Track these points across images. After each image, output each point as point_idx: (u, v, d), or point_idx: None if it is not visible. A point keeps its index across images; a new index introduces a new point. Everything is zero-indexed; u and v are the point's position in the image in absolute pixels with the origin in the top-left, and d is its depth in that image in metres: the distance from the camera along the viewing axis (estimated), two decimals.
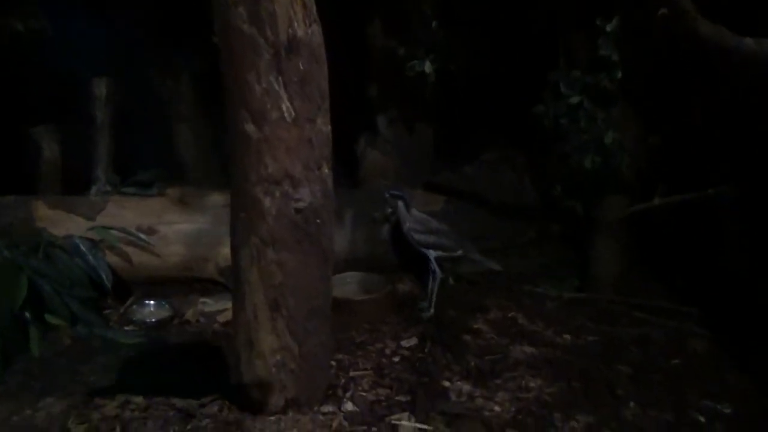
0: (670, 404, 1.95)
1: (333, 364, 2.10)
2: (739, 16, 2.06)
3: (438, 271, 2.60)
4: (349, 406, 1.88)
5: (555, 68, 2.55)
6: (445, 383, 2.05)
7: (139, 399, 1.92)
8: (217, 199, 2.81)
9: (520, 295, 2.76)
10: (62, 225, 2.65)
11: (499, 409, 1.90)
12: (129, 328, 2.52)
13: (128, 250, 2.69)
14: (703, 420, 1.88)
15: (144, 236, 2.70)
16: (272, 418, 1.79)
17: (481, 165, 3.32)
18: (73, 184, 3.14)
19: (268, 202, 1.68)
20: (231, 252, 1.79)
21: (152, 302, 2.66)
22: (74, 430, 1.78)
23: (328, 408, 1.86)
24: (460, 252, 2.66)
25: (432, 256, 2.62)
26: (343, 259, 2.77)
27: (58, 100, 3.34)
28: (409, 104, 3.27)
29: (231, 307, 1.85)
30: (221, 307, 2.61)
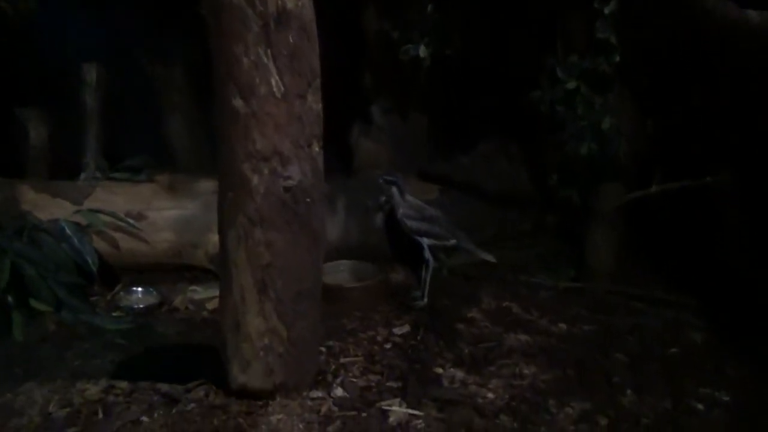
0: (668, 392, 1.91)
1: (323, 350, 2.06)
2: None
3: (431, 260, 2.55)
4: (339, 392, 1.84)
5: (552, 52, 2.51)
6: (438, 370, 2.01)
7: (124, 384, 1.89)
8: (208, 186, 2.75)
9: (515, 285, 2.72)
10: (48, 209, 2.58)
11: (492, 396, 1.86)
12: (116, 315, 2.46)
13: (116, 235, 2.63)
14: (702, 408, 1.84)
15: (132, 221, 2.63)
16: (259, 403, 1.75)
17: (477, 155, 3.28)
18: (62, 171, 3.07)
19: (256, 180, 1.64)
20: (219, 233, 1.74)
21: (140, 289, 2.62)
22: (55, 413, 1.74)
23: (317, 393, 1.82)
24: (454, 241, 2.61)
25: (426, 244, 2.57)
26: (335, 248, 2.73)
27: (47, 84, 3.28)
28: (404, 92, 3.23)
29: None
30: (210, 295, 2.55)
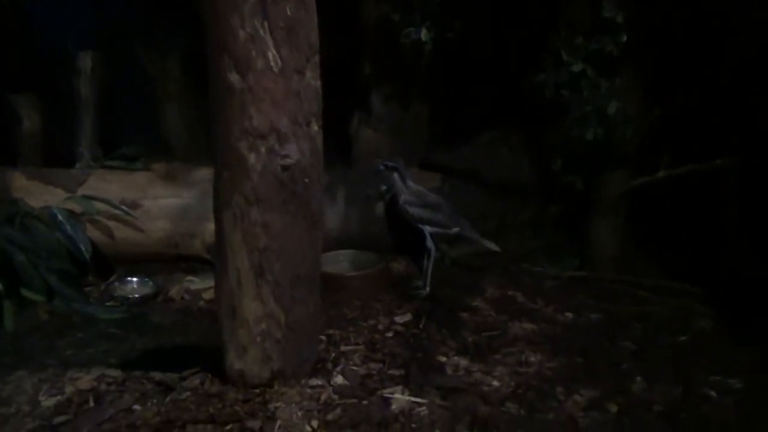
0: (678, 379, 1.86)
1: (323, 338, 2.00)
2: None
3: (433, 248, 2.50)
4: (340, 380, 1.78)
5: (556, 34, 2.45)
6: (441, 358, 1.96)
7: (117, 372, 1.83)
8: (205, 174, 2.69)
9: (519, 274, 2.68)
10: (40, 197, 2.53)
11: (498, 384, 1.81)
12: (110, 304, 2.42)
13: (110, 224, 2.58)
14: (714, 394, 1.79)
15: (126, 209, 2.57)
16: (257, 391, 1.68)
17: (478, 144, 3.22)
18: (56, 160, 3.02)
19: (252, 158, 1.57)
20: (214, 215, 1.68)
21: (135, 279, 2.57)
22: (44, 402, 1.68)
23: (316, 381, 1.76)
24: (456, 230, 2.56)
25: (428, 232, 2.51)
26: (335, 238, 2.68)
27: (41, 72, 3.23)
28: (404, 81, 3.16)
29: None
30: (207, 285, 2.51)
